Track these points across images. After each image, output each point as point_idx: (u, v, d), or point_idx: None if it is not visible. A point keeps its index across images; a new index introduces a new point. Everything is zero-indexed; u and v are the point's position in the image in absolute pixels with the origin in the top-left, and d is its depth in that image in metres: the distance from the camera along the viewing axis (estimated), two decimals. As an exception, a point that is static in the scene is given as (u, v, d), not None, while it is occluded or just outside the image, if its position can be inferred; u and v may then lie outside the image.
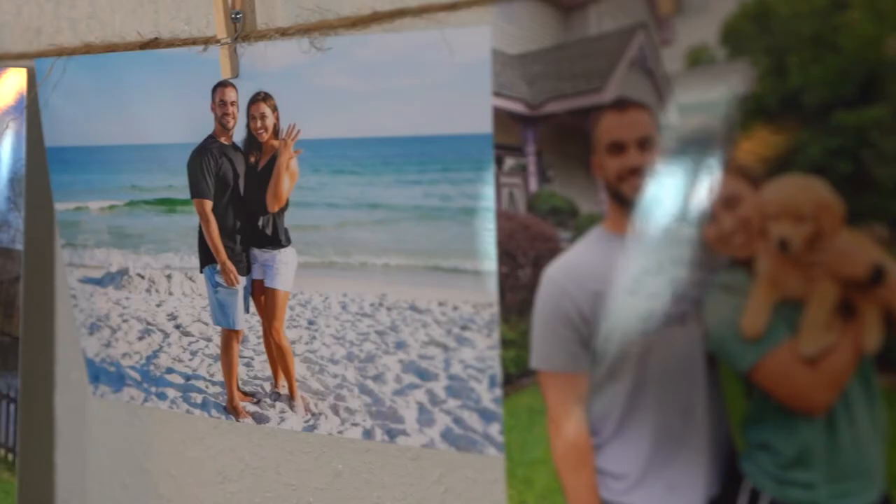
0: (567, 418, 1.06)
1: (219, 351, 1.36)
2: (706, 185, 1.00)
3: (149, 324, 1.43)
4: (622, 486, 1.06)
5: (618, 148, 1.02)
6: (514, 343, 1.11)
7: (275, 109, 1.24)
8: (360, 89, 1.18)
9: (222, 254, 1.31)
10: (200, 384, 1.38)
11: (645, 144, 1.02)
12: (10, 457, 1.59)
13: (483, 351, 1.14)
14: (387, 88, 1.17)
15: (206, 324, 1.37)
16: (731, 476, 1.03)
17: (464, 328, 1.15)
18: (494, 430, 1.14)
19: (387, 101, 1.17)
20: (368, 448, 1.27)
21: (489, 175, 1.11)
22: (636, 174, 1.02)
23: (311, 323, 1.26)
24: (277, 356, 1.29)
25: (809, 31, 0.95)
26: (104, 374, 1.49)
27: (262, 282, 1.30)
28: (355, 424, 1.24)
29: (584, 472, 1.07)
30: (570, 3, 1.06)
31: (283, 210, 1.26)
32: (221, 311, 1.34)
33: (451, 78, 1.12)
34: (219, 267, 1.32)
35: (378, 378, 1.22)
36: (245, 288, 1.31)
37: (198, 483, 1.46)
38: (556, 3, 1.07)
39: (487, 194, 1.11)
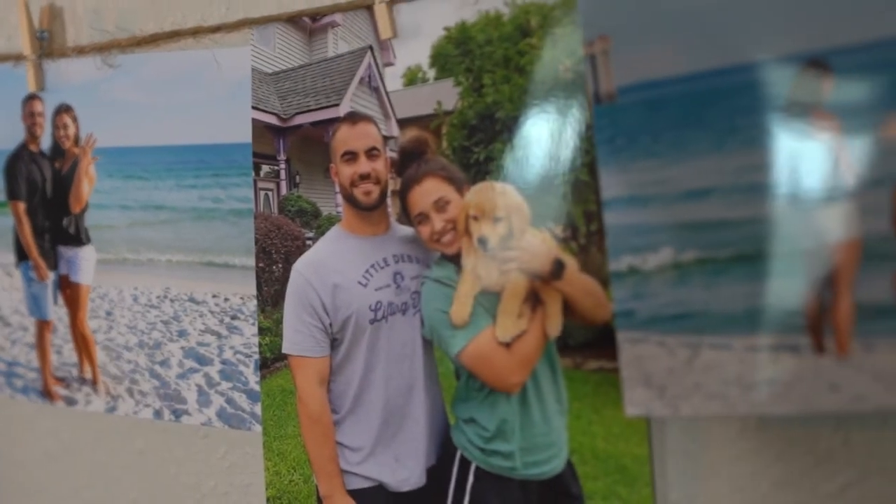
0: (312, 397, 1.13)
1: (34, 340, 1.43)
2: (423, 190, 1.09)
3: (-24, 315, 1.50)
4: (358, 458, 1.13)
5: (350, 156, 1.11)
6: (269, 330, 1.19)
7: (75, 120, 1.31)
8: (147, 102, 1.26)
9: (34, 251, 1.38)
10: (20, 370, 1.45)
11: (372, 153, 1.11)
12: None
13: (249, 338, 1.22)
14: (168, 102, 1.25)
15: (23, 315, 1.44)
16: (446, 447, 1.12)
17: (233, 318, 1.23)
18: (259, 409, 1.22)
19: (168, 113, 1.25)
20: (166, 428, 1.35)
21: (250, 180, 1.20)
22: (365, 180, 1.11)
23: (108, 314, 1.34)
24: (82, 344, 1.36)
25: (500, 54, 1.04)
26: (-56, 363, 1.56)
27: (67, 276, 1.37)
28: (147, 406, 1.31)
29: (326, 446, 1.14)
30: (313, 27, 1.15)
31: (83, 211, 1.33)
32: (35, 304, 1.41)
33: (220, 93, 1.20)
34: (32, 263, 1.39)
35: (164, 363, 1.30)
36: (54, 282, 1.39)
37: (29, 463, 1.52)
38: (301, 28, 1.15)
39: (249, 197, 1.20)
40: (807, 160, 0.89)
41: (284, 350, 1.15)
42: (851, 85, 0.87)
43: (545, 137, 1.02)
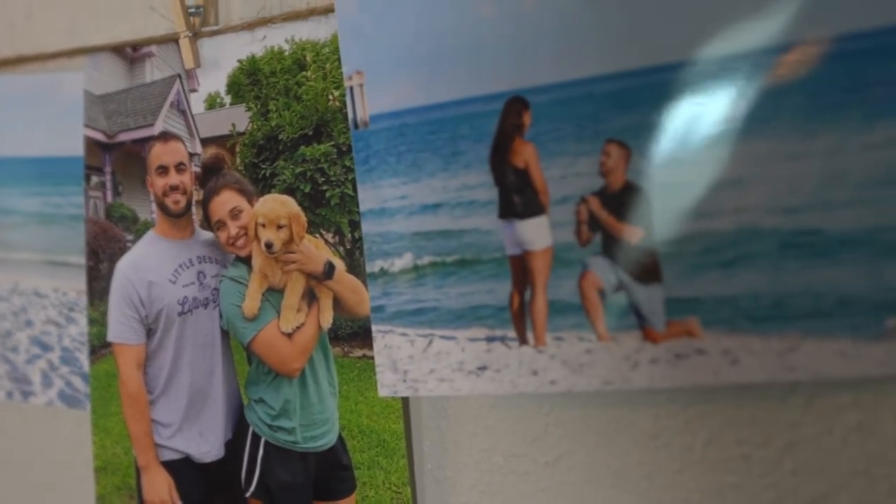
0: (131, 379, 1.23)
1: None
2: (221, 201, 1.21)
3: None
4: (169, 433, 1.24)
5: (162, 170, 1.22)
6: (97, 321, 1.30)
7: (-60, 135, 1.43)
8: (1, 119, 1.37)
9: None
10: None
11: (180, 168, 1.23)
12: None
13: (83, 328, 1.33)
14: (18, 119, 1.35)
15: None
16: (240, 424, 1.24)
17: (71, 310, 1.34)
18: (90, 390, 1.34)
19: (18, 129, 1.36)
20: (20, 409, 1.46)
21: (82, 189, 1.31)
22: (175, 191, 1.23)
23: (-33, 305, 1.45)
24: (-54, 333, 1.48)
25: (282, 84, 1.16)
26: None
27: (-66, 272, 1.48)
28: (0, 388, 1.43)
29: (142, 422, 1.25)
30: (134, 56, 1.26)
31: (-53, 214, 1.45)
32: None
33: (59, 112, 1.31)
34: None
35: (14, 349, 1.40)
36: (-78, 277, 1.50)
37: None
38: (125, 57, 1.27)
39: (82, 204, 1.31)
40: (510, 180, 1.02)
41: (108, 338, 1.25)
42: (547, 117, 1.00)
43: (318, 157, 1.14)
